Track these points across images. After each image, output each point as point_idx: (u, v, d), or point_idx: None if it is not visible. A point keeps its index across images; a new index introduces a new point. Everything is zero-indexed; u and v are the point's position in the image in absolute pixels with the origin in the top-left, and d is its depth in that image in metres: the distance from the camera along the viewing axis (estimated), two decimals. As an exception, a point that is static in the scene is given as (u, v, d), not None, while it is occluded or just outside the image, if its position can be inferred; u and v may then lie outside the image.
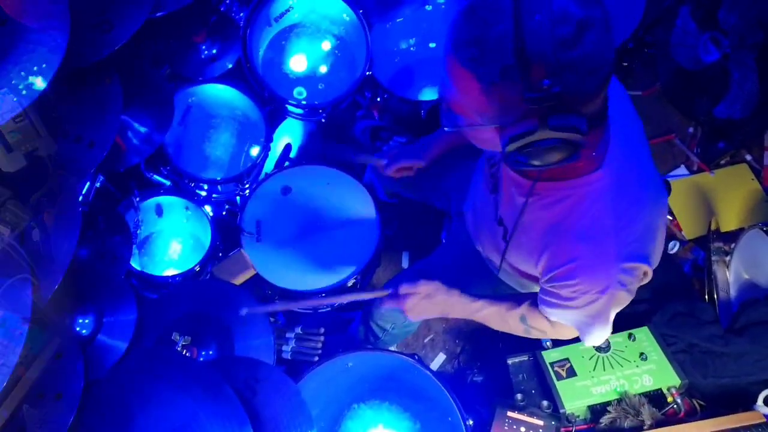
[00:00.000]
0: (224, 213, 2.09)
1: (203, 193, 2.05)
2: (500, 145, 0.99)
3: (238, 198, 2.12)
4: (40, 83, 1.23)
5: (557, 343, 1.75)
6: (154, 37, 1.90)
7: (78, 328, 1.48)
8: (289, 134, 2.36)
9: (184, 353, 1.58)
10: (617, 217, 1.12)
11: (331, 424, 1.79)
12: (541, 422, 1.62)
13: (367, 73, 2.10)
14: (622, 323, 1.66)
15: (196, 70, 2.06)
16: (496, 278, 1.58)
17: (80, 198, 1.60)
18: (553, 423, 1.62)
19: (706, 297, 1.94)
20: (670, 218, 2.29)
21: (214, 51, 2.09)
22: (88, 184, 1.66)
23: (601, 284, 1.16)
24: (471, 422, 1.57)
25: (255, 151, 2.11)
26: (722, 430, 1.52)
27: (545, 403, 1.67)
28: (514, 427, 1.62)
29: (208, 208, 2.01)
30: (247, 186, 2.06)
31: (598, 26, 0.88)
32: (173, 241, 2.14)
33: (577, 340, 1.39)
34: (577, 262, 1.15)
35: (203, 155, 2.13)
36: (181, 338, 1.60)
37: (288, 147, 2.22)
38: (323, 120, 2.20)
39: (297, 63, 2.25)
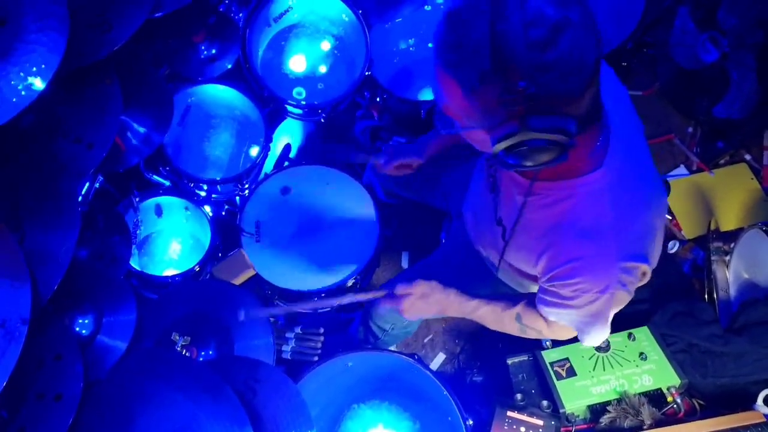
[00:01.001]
0: (224, 213, 2.09)
1: (203, 194, 2.04)
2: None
3: (237, 198, 2.12)
4: (39, 84, 1.23)
5: (557, 343, 1.75)
6: (154, 37, 1.90)
7: (77, 329, 1.47)
8: (289, 134, 2.36)
9: (183, 353, 1.58)
10: (617, 217, 1.12)
11: (330, 424, 1.79)
12: (540, 422, 1.62)
13: (367, 73, 2.10)
14: (622, 323, 1.66)
15: (195, 70, 2.06)
16: (495, 278, 1.58)
17: (79, 198, 1.60)
18: (552, 423, 1.62)
19: (706, 297, 1.94)
20: (670, 218, 2.29)
21: (214, 51, 2.09)
22: (87, 184, 1.66)
23: (602, 283, 1.16)
24: (471, 422, 1.57)
25: (254, 151, 2.10)
26: (722, 429, 1.52)
27: (545, 402, 1.67)
28: (514, 427, 1.62)
29: (207, 209, 2.00)
30: (246, 186, 2.06)
31: (576, 27, 0.88)
32: (173, 241, 2.14)
33: (575, 339, 1.39)
34: (578, 261, 1.15)
35: (203, 155, 2.13)
36: (181, 338, 1.60)
37: (287, 147, 2.21)
38: (323, 120, 2.20)
39: (296, 63, 2.25)
